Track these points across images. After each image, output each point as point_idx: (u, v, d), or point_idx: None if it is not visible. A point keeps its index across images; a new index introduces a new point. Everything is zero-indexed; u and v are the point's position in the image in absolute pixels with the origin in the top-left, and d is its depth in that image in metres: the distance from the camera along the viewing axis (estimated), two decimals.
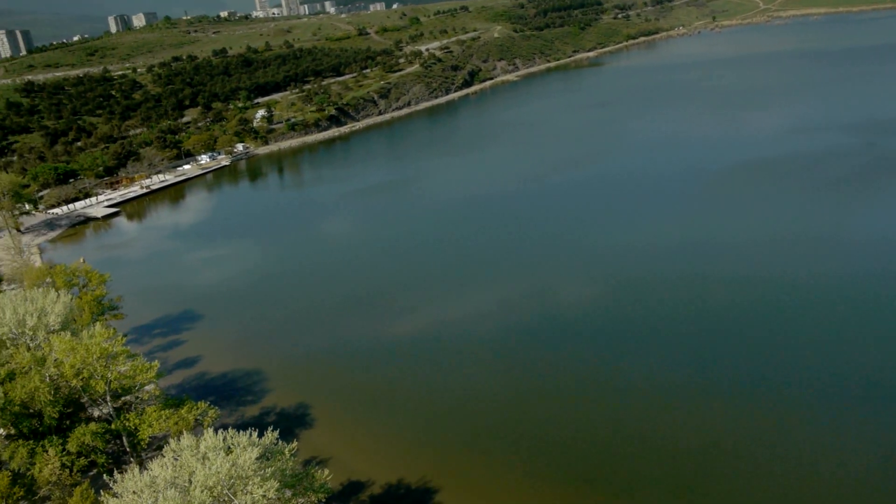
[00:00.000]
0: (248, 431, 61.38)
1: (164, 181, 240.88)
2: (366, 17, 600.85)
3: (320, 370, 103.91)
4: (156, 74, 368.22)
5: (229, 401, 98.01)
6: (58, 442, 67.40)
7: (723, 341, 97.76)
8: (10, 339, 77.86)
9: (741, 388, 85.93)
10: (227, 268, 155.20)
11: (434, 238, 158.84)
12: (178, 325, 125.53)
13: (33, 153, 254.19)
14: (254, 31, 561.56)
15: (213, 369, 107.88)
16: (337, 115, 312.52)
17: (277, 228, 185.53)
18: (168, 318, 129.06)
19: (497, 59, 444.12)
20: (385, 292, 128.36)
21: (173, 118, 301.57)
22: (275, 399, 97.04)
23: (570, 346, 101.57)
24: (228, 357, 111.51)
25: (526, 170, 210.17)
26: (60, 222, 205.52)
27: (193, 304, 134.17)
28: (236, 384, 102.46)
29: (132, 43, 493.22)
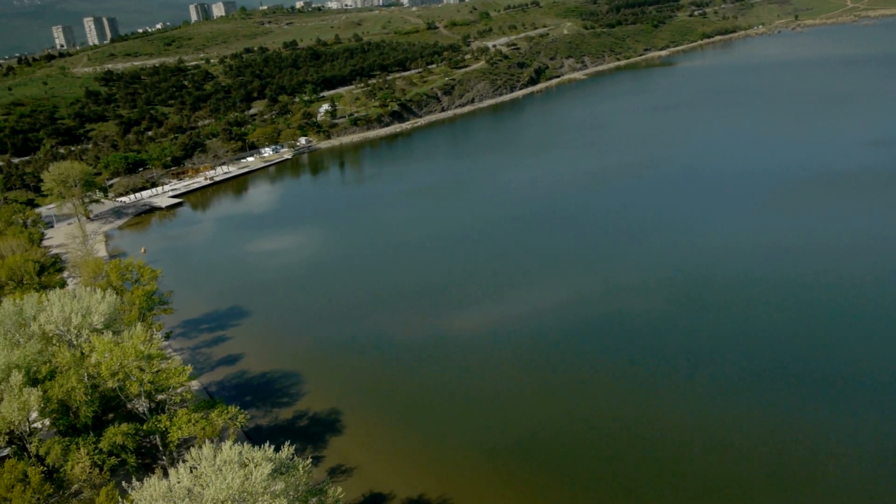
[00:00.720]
0: (265, 446, 62.31)
1: (228, 173, 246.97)
2: (436, 10, 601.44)
3: (359, 374, 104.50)
4: (227, 66, 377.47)
5: (265, 401, 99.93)
6: (91, 440, 69.80)
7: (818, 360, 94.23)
8: (57, 335, 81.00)
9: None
10: (281, 263, 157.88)
11: (495, 240, 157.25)
12: (225, 321, 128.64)
13: (107, 141, 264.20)
14: (325, 23, 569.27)
15: (253, 368, 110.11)
16: (399, 111, 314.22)
17: (334, 224, 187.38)
18: (217, 312, 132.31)
19: (565, 57, 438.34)
20: (436, 296, 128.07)
21: (240, 110, 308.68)
22: (310, 402, 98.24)
23: (633, 360, 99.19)
24: (270, 355, 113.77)
25: (589, 173, 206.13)
26: (127, 211, 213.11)
27: (243, 299, 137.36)
28: (274, 384, 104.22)
29: (208, 33, 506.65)
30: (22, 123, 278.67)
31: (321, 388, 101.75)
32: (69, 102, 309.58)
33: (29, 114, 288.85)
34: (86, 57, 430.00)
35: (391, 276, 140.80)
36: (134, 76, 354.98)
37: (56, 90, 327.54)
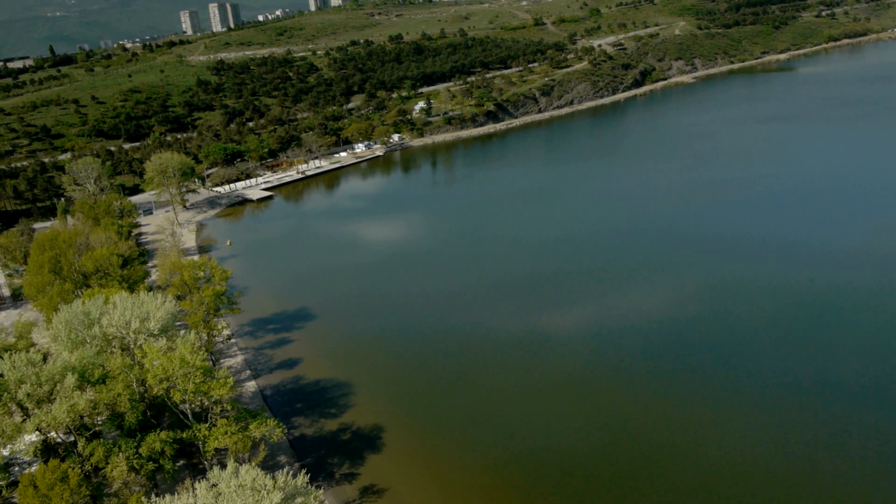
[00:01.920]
0: (282, 472, 63.90)
1: (319, 167, 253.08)
2: (546, 5, 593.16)
3: (409, 389, 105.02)
4: (332, 58, 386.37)
5: (314, 410, 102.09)
6: (132, 444, 73.54)
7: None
8: (117, 338, 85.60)
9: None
10: (360, 263, 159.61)
11: (587, 250, 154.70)
12: (291, 322, 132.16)
13: (210, 131, 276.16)
14: (434, 15, 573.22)
15: (309, 374, 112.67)
16: (494, 111, 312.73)
17: (420, 226, 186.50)
18: (285, 313, 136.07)
19: (674, 59, 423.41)
20: (508, 313, 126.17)
21: (339, 104, 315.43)
22: (357, 415, 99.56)
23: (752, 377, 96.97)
24: (327, 362, 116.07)
25: (687, 186, 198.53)
26: (221, 201, 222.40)
27: (314, 300, 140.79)
28: (326, 393, 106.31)
29: (319, 24, 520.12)
30: (137, 110, 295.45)
31: (370, 401, 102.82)
32: (181, 91, 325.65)
33: (144, 101, 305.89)
34: (203, 45, 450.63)
35: (470, 287, 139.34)
36: (243, 66, 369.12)
37: (171, 78, 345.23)
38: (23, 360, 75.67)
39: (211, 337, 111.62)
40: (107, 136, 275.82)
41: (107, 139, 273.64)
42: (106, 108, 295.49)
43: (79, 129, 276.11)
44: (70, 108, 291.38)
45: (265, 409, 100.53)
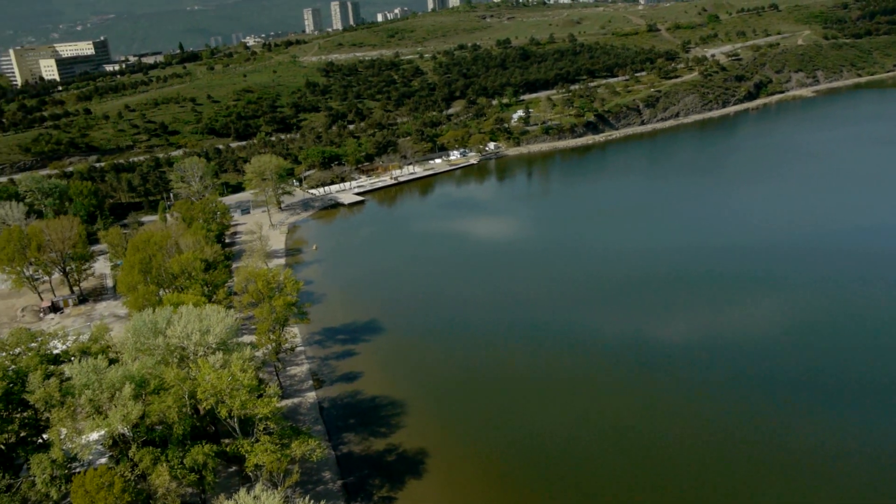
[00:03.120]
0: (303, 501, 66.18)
1: (413, 174, 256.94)
2: (662, 10, 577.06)
3: (465, 414, 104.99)
4: (438, 62, 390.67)
5: (365, 428, 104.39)
6: (178, 454, 77.96)
7: None
8: (179, 348, 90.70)
9: None
10: (441, 275, 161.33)
11: (683, 267, 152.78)
12: (359, 335, 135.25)
13: (313, 133, 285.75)
14: (545, 19, 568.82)
15: (367, 389, 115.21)
16: (594, 122, 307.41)
17: (511, 241, 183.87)
18: (355, 324, 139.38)
19: (794, 70, 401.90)
20: (594, 337, 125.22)
21: (439, 110, 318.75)
22: (404, 437, 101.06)
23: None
24: (387, 379, 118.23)
25: (792, 210, 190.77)
26: (314, 204, 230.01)
27: (386, 311, 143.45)
28: (380, 411, 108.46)
29: (430, 26, 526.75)
30: (247, 110, 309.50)
31: (422, 424, 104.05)
32: (291, 91, 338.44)
33: (255, 101, 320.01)
34: (317, 45, 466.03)
35: (549, 309, 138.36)
36: (352, 68, 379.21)
37: (282, 78, 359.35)
38: (89, 365, 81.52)
39: (278, 345, 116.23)
40: (218, 133, 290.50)
41: (217, 137, 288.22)
42: (219, 107, 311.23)
43: (193, 126, 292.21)
44: (187, 106, 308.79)
45: (318, 422, 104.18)
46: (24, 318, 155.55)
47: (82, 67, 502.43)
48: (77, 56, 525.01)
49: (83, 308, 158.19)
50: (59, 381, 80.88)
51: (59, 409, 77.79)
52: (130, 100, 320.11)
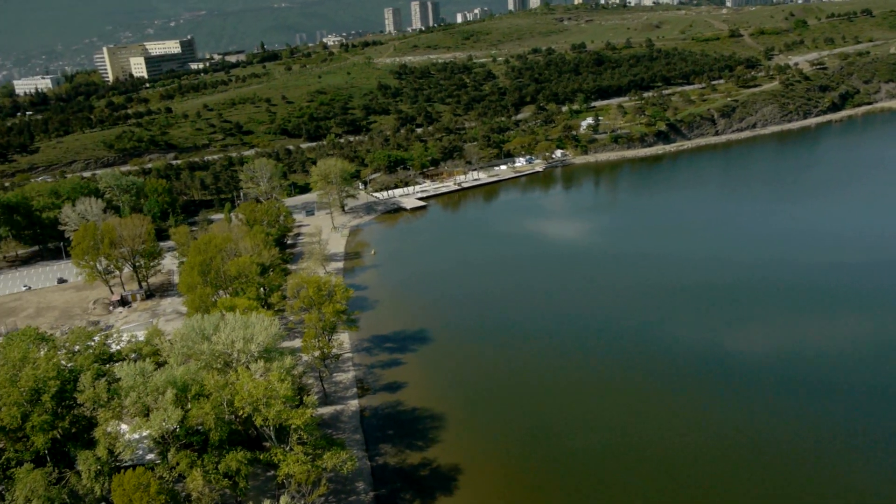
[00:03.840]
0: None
1: (477, 180, 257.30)
2: (746, 15, 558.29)
3: (503, 434, 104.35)
4: (510, 66, 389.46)
5: (402, 440, 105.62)
6: (213, 460, 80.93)
7: None
8: (223, 354, 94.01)
9: None
10: (496, 285, 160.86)
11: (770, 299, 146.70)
12: (407, 344, 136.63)
13: (381, 136, 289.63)
14: (624, 22, 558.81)
15: (409, 400, 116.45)
16: (666, 132, 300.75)
17: (573, 254, 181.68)
18: (404, 333, 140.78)
19: (884, 81, 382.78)
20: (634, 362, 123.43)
21: (507, 115, 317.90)
22: (440, 451, 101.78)
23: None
24: (429, 391, 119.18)
25: (874, 233, 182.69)
26: (377, 207, 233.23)
27: (435, 322, 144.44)
28: (419, 423, 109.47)
29: (506, 28, 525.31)
30: (319, 111, 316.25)
31: (458, 439, 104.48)
32: (363, 93, 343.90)
33: (327, 102, 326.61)
34: (392, 47, 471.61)
35: (610, 324, 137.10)
36: (424, 71, 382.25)
37: (356, 80, 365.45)
38: (137, 368, 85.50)
39: (323, 352, 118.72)
40: (290, 134, 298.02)
41: (289, 137, 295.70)
42: (293, 108, 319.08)
43: (267, 126, 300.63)
44: (262, 107, 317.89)
45: (357, 431, 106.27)
46: (95, 310, 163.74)
47: (169, 65, 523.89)
48: (165, 54, 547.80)
49: (149, 303, 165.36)
50: (108, 381, 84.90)
51: (106, 410, 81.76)
52: (209, 99, 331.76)
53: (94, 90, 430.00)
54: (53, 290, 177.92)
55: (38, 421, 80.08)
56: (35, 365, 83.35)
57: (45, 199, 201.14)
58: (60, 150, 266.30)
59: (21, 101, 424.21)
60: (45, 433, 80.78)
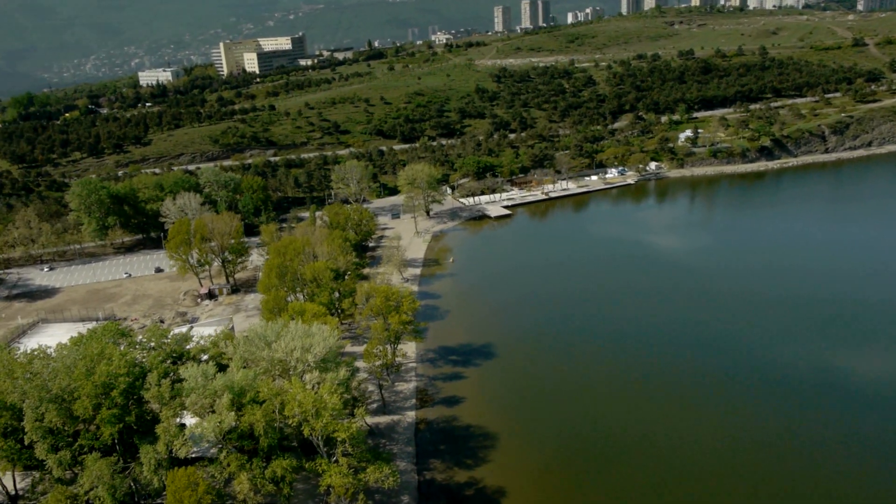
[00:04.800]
0: None
1: (566, 190, 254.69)
2: (874, 22, 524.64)
3: (556, 463, 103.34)
4: (612, 73, 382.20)
5: (452, 456, 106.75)
6: (260, 465, 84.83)
7: None
8: (282, 361, 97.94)
9: None
10: (572, 302, 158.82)
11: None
12: (471, 357, 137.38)
13: (473, 141, 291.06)
14: (739, 27, 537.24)
15: (464, 416, 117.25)
16: (770, 147, 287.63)
17: (663, 274, 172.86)
18: (470, 346, 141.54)
19: None
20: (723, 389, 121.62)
21: (603, 124, 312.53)
22: (488, 472, 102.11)
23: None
24: (486, 408, 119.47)
25: None
26: (462, 213, 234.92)
27: (502, 337, 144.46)
28: (470, 441, 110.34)
29: (612, 32, 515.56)
30: (415, 113, 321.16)
31: (508, 461, 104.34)
32: (460, 96, 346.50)
33: (424, 104, 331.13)
34: (495, 48, 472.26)
35: (676, 355, 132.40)
36: (523, 75, 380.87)
37: (455, 83, 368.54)
38: (199, 371, 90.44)
39: (385, 362, 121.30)
40: (385, 135, 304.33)
41: (384, 138, 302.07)
42: (390, 109, 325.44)
43: (363, 126, 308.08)
44: (361, 107, 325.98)
45: (410, 443, 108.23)
46: (185, 301, 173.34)
47: (279, 61, 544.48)
48: (276, 50, 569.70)
49: (234, 298, 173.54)
50: (173, 381, 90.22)
51: (168, 408, 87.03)
52: (311, 97, 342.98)
53: (209, 83, 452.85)
54: (150, 279, 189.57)
55: (107, 414, 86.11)
56: (109, 360, 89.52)
57: (150, 192, 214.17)
58: (170, 143, 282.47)
59: (143, 91, 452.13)
60: (113, 425, 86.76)
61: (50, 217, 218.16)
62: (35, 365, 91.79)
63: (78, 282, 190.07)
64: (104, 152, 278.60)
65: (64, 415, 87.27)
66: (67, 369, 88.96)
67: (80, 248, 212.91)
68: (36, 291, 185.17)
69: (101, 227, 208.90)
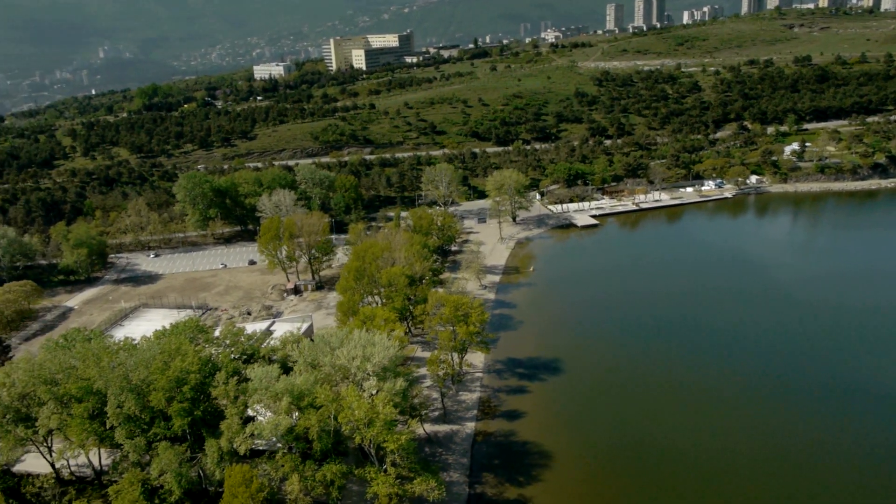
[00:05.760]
0: None
1: (658, 201, 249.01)
2: None
3: (612, 491, 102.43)
4: (719, 79, 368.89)
5: (506, 471, 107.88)
6: (312, 468, 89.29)
7: None
8: (343, 368, 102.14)
9: None
10: (647, 326, 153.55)
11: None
12: (538, 372, 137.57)
13: (567, 146, 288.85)
14: (865, 31, 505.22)
15: (523, 432, 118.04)
16: (885, 165, 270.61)
17: (755, 296, 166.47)
18: (539, 360, 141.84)
19: None
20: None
21: (704, 133, 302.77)
22: (539, 492, 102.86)
23: None
24: (547, 426, 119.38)
25: None
26: (549, 221, 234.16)
27: (572, 353, 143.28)
28: (525, 458, 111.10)
29: (725, 35, 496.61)
30: (512, 116, 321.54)
31: (562, 483, 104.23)
32: (559, 99, 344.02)
33: (522, 107, 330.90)
34: (601, 49, 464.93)
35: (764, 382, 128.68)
36: (626, 79, 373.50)
37: (555, 86, 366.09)
38: (264, 373, 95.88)
39: (449, 371, 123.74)
40: (480, 137, 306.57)
41: (479, 140, 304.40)
42: (487, 111, 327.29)
43: (459, 128, 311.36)
44: (458, 108, 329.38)
45: (466, 454, 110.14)
46: (272, 295, 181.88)
47: (386, 58, 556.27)
48: (383, 47, 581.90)
49: (318, 294, 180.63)
50: (239, 381, 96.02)
51: (232, 406, 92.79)
52: (411, 97, 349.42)
53: (318, 79, 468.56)
54: (243, 271, 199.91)
55: (177, 407, 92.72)
56: (183, 357, 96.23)
57: (249, 187, 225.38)
58: (274, 139, 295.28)
59: (256, 85, 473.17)
60: (183, 418, 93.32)
61: (158, 207, 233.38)
62: (120, 356, 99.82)
63: (178, 270, 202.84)
64: (213, 145, 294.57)
65: (141, 404, 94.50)
66: (146, 362, 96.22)
67: (183, 237, 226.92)
68: (140, 277, 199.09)
69: (204, 218, 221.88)
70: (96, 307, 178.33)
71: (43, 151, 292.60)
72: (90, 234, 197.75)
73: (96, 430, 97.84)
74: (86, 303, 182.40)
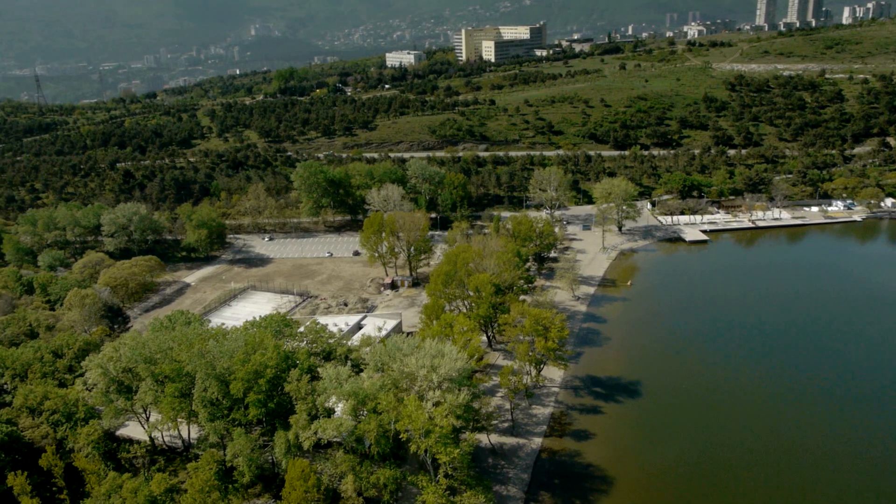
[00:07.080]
0: None
1: (777, 219, 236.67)
2: None
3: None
4: (867, 88, 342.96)
5: (564, 493, 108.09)
6: (368, 470, 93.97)
7: None
8: (410, 375, 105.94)
9: None
10: (742, 355, 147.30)
11: None
12: (616, 393, 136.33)
13: (687, 154, 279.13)
14: None
15: (589, 453, 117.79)
16: None
17: (880, 349, 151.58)
18: (619, 381, 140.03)
19: None
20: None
21: (840, 148, 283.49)
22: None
23: None
24: (614, 450, 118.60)
25: None
26: (655, 233, 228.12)
27: (657, 376, 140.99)
28: (586, 481, 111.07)
29: (882, 38, 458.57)
30: (634, 119, 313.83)
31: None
32: (686, 104, 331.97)
33: (645, 110, 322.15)
34: (739, 50, 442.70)
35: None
36: (762, 84, 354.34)
37: (684, 88, 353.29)
38: (336, 373, 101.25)
39: (519, 385, 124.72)
40: (597, 139, 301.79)
41: (596, 143, 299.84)
42: (608, 112, 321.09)
43: (577, 129, 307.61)
44: (579, 108, 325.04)
45: (527, 470, 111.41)
46: (369, 288, 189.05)
47: (516, 50, 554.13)
48: (514, 39, 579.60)
49: (413, 291, 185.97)
50: (311, 378, 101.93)
51: (302, 402, 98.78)
52: (532, 94, 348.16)
53: (446, 69, 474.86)
54: (347, 261, 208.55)
55: (253, 398, 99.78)
56: (263, 351, 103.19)
57: (362, 179, 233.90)
58: (392, 130, 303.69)
59: (385, 73, 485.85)
60: (258, 408, 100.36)
61: (276, 192, 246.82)
62: (209, 344, 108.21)
63: (288, 255, 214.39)
64: (335, 134, 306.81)
65: (223, 391, 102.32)
66: (230, 352, 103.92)
67: (297, 223, 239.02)
68: (253, 259, 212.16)
69: (317, 206, 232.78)
70: (210, 285, 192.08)
71: (183, 130, 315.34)
72: (211, 217, 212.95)
73: (185, 409, 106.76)
74: (202, 280, 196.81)
